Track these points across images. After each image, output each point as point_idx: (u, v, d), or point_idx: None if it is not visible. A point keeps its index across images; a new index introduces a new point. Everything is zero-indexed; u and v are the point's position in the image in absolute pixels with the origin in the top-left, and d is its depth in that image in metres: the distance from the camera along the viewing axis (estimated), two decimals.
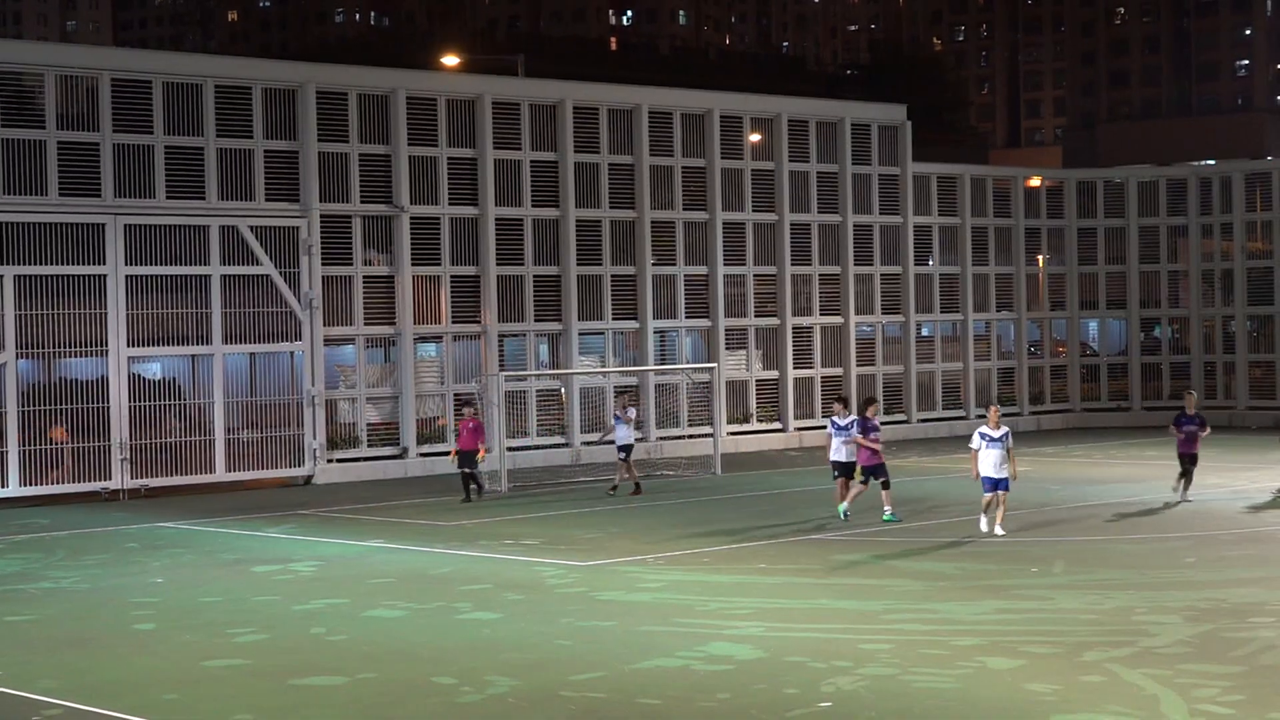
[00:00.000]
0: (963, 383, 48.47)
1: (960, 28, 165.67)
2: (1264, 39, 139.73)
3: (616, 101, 41.73)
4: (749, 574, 21.42)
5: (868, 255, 46.08)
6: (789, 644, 16.51)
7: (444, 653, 16.57)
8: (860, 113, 46.72)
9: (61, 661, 16.53)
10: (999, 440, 24.46)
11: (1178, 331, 51.64)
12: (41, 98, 33.57)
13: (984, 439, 24.54)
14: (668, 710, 13.98)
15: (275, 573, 22.46)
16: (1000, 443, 24.45)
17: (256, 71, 37.19)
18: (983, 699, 14.12)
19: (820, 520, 27.04)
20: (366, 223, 37.58)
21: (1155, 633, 16.82)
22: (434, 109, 38.52)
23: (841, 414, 26.91)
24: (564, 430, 40.14)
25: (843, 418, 26.82)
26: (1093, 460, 38.33)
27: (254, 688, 15.21)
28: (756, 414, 43.65)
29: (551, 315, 40.23)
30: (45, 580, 22.25)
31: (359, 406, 37.26)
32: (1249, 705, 13.69)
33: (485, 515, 29.14)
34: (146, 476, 33.82)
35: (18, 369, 32.85)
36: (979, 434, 24.75)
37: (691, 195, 42.72)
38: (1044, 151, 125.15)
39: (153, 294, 34.41)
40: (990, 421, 24.63)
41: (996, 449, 24.40)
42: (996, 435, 24.49)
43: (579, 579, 21.33)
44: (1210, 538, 24.09)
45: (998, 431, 24.50)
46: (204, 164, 35.21)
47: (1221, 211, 50.27)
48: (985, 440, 24.52)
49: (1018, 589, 19.74)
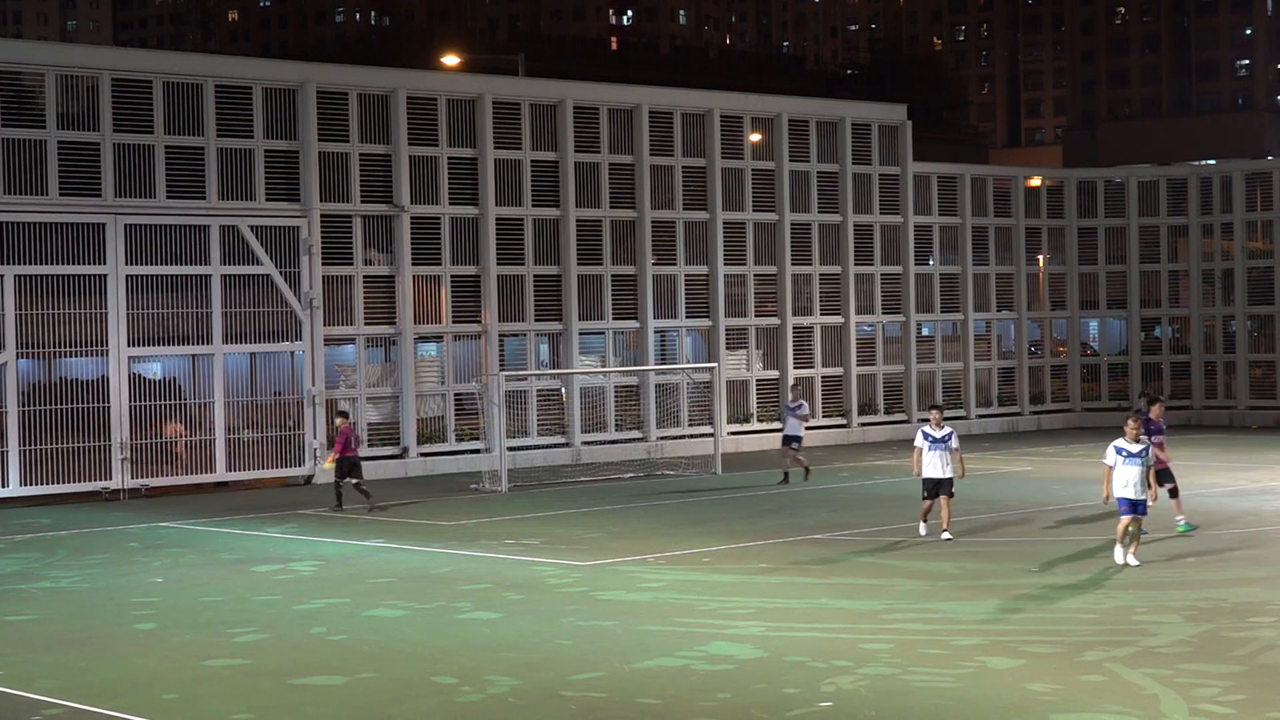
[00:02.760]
0: (963, 382, 48.46)
1: (960, 27, 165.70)
2: (1264, 39, 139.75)
3: (617, 101, 41.74)
4: (749, 574, 21.42)
5: (868, 255, 46.08)
6: (789, 644, 16.52)
7: (444, 652, 16.56)
8: (860, 112, 46.72)
9: (61, 661, 16.53)
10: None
11: (1178, 331, 51.64)
12: (41, 97, 33.57)
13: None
14: (668, 710, 13.98)
15: (275, 572, 22.46)
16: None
17: (257, 71, 37.20)
18: (983, 699, 14.12)
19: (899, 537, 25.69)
20: (367, 222, 37.59)
21: (1155, 632, 16.82)
22: (434, 109, 38.52)
23: (936, 423, 24.47)
24: (564, 430, 40.15)
25: (938, 428, 24.40)
26: (1093, 460, 38.30)
27: (254, 687, 15.21)
28: (757, 414, 43.65)
29: (552, 315, 40.24)
30: (46, 580, 22.25)
31: (359, 406, 37.25)
32: (1249, 705, 13.69)
33: (485, 515, 29.14)
34: (147, 476, 33.83)
35: (18, 369, 32.86)
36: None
37: (692, 195, 42.72)
38: (1044, 151, 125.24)
39: (153, 294, 34.41)
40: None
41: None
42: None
43: (579, 579, 21.33)
44: (1210, 538, 24.09)
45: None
46: (204, 164, 35.21)
47: (1222, 211, 50.27)
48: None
49: (1018, 589, 19.74)
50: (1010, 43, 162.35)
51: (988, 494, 30.61)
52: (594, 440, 40.35)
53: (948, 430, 24.32)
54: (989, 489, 31.51)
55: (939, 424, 24.29)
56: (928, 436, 24.22)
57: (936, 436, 24.15)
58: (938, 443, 24.12)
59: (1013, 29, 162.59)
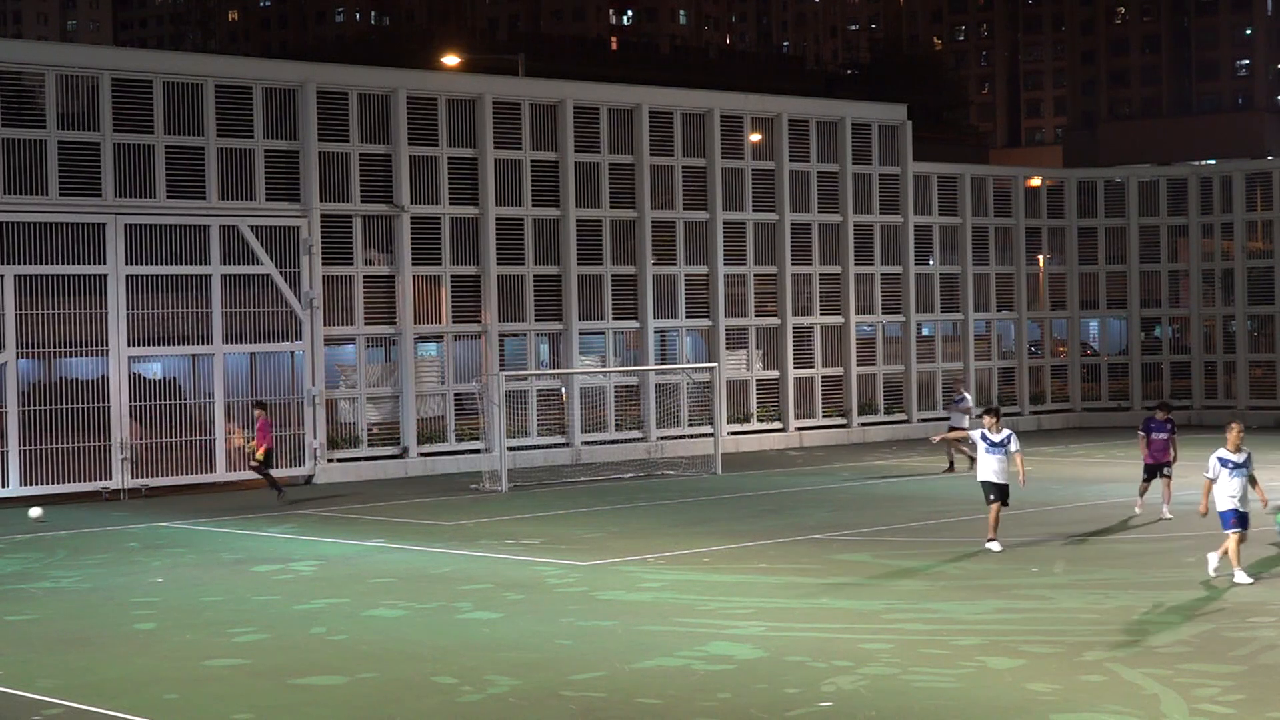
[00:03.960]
0: (963, 382, 48.41)
1: (960, 27, 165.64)
2: (1264, 39, 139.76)
3: (617, 101, 41.74)
4: (749, 574, 21.42)
5: (868, 255, 46.09)
6: (789, 643, 16.52)
7: (444, 652, 16.57)
8: (860, 112, 46.72)
9: (61, 661, 16.53)
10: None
11: (1178, 331, 51.64)
12: (41, 97, 33.58)
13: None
14: (668, 710, 13.97)
15: (275, 572, 22.46)
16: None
17: (257, 71, 37.20)
18: (983, 699, 14.13)
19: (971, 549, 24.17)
20: (367, 222, 37.59)
21: (1155, 632, 16.82)
22: (434, 108, 38.52)
23: (994, 428, 23.31)
24: (564, 430, 40.14)
25: (995, 431, 23.29)
26: (1093, 460, 38.32)
27: (254, 687, 15.21)
28: (757, 414, 43.65)
29: (552, 315, 40.24)
30: (46, 580, 22.25)
31: (359, 406, 37.26)
32: (1249, 705, 13.69)
33: (485, 515, 29.14)
34: (147, 476, 33.83)
35: (18, 369, 32.86)
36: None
37: (692, 195, 42.72)
38: (1044, 151, 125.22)
39: (153, 294, 34.41)
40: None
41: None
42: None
43: (579, 579, 21.33)
44: (1210, 538, 24.04)
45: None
46: (204, 164, 35.21)
47: (1222, 211, 50.27)
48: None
49: (1018, 589, 19.74)
50: (1010, 43, 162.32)
51: None
52: (594, 440, 40.35)
53: (1006, 433, 23.31)
54: None
55: (996, 427, 23.21)
56: (985, 439, 23.24)
57: (995, 440, 23.18)
58: (995, 447, 23.17)
59: (1013, 29, 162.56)
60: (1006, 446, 23.21)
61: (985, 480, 23.40)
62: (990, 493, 23.35)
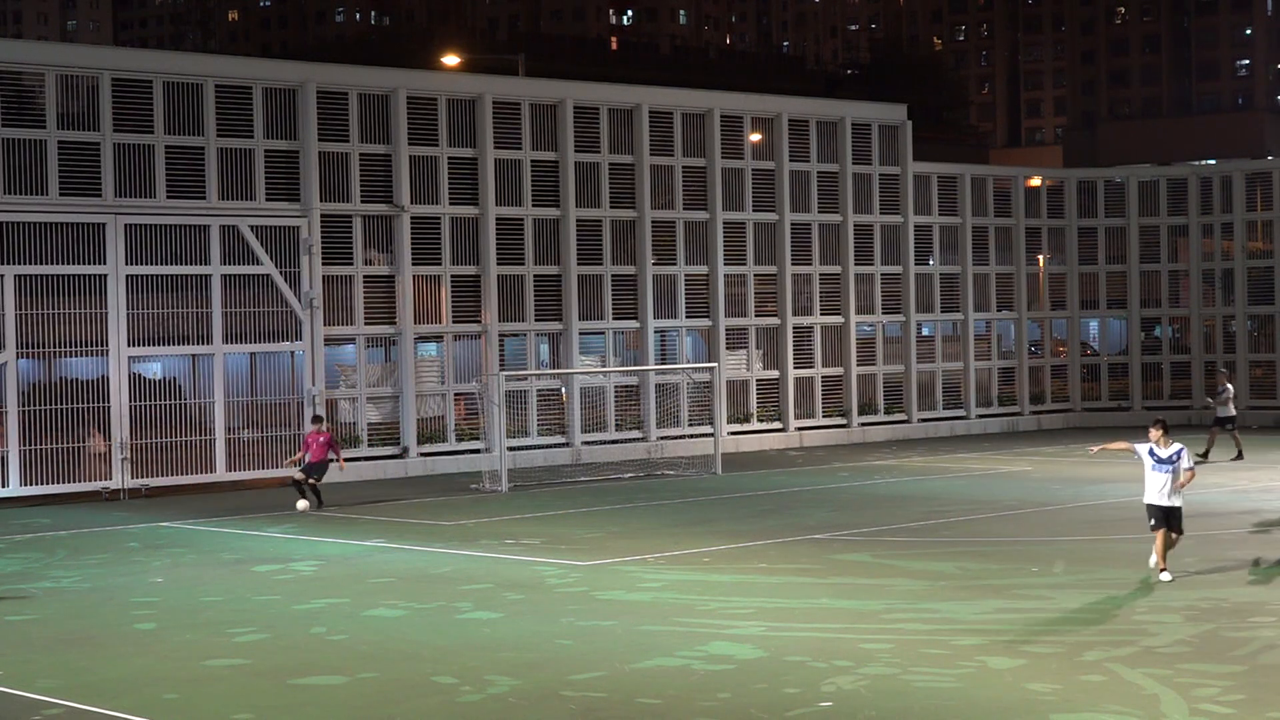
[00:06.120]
0: (963, 382, 48.46)
1: (960, 27, 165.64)
2: (1264, 39, 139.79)
3: (617, 101, 41.73)
4: (749, 574, 21.42)
5: (868, 255, 46.08)
6: (789, 643, 16.51)
7: (444, 652, 16.57)
8: (860, 112, 46.72)
9: (61, 661, 16.53)
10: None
11: (1178, 331, 51.64)
12: (41, 97, 33.57)
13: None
14: (668, 710, 13.97)
15: (275, 572, 22.46)
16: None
17: (257, 71, 37.19)
18: (983, 699, 14.12)
19: None
20: (367, 222, 37.59)
21: (1155, 632, 16.82)
22: (434, 108, 38.52)
23: (1163, 442, 20.58)
24: (564, 430, 40.14)
25: (1164, 446, 20.57)
26: (1093, 460, 38.31)
27: (254, 687, 15.21)
28: (757, 414, 43.65)
29: (552, 315, 40.23)
30: (46, 580, 22.25)
31: (359, 406, 37.26)
32: (1249, 705, 13.69)
33: (485, 515, 29.14)
34: (147, 476, 33.82)
35: (18, 369, 32.86)
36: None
37: (692, 195, 42.71)
38: (1044, 151, 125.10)
39: (153, 294, 34.41)
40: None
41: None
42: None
43: (579, 579, 21.33)
44: (1210, 538, 24.07)
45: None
46: (204, 164, 35.20)
47: (1222, 211, 50.26)
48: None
49: (1018, 589, 19.74)
50: (1010, 43, 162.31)
51: (988, 494, 30.63)
52: (594, 440, 40.35)
53: (1177, 447, 20.53)
54: (989, 489, 31.53)
55: (1165, 441, 20.51)
56: (1153, 454, 20.48)
57: (1162, 456, 20.41)
58: (1163, 463, 20.35)
59: (1013, 29, 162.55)
60: (1176, 463, 20.45)
61: (1151, 504, 20.52)
62: (1153, 516, 20.45)
